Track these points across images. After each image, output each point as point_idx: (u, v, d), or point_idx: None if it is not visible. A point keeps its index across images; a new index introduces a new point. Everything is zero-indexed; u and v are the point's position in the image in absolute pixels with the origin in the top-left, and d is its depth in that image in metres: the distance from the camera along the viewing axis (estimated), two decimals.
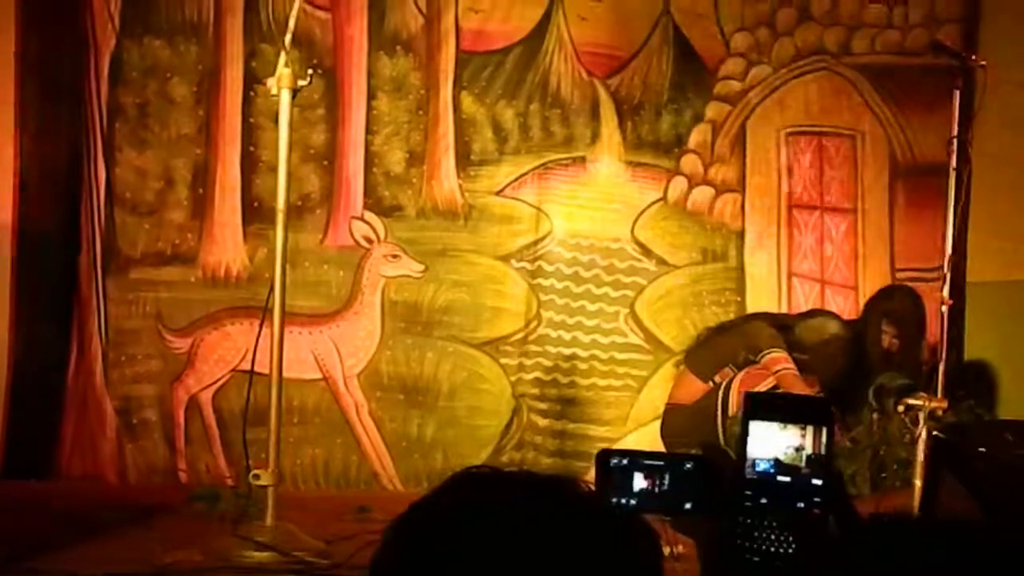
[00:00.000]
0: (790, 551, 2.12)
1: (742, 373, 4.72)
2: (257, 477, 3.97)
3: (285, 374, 4.18)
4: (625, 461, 2.45)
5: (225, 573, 3.80)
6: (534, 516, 1.19)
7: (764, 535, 2.16)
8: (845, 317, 5.19)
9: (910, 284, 5.48)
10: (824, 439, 2.57)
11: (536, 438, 5.49)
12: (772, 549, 2.13)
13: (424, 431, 5.41)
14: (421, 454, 5.39)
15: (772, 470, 2.64)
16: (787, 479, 2.42)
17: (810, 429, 2.58)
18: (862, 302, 5.50)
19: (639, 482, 2.40)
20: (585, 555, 1.19)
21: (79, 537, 4.16)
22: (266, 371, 4.10)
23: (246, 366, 4.89)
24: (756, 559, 2.08)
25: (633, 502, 2.23)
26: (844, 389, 4.75)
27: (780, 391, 4.37)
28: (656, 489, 2.37)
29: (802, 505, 2.16)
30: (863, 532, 1.45)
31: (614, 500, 2.23)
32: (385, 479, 5.37)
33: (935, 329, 4.63)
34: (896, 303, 5.18)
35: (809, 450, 2.62)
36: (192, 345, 5.30)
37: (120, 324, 5.26)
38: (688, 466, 2.37)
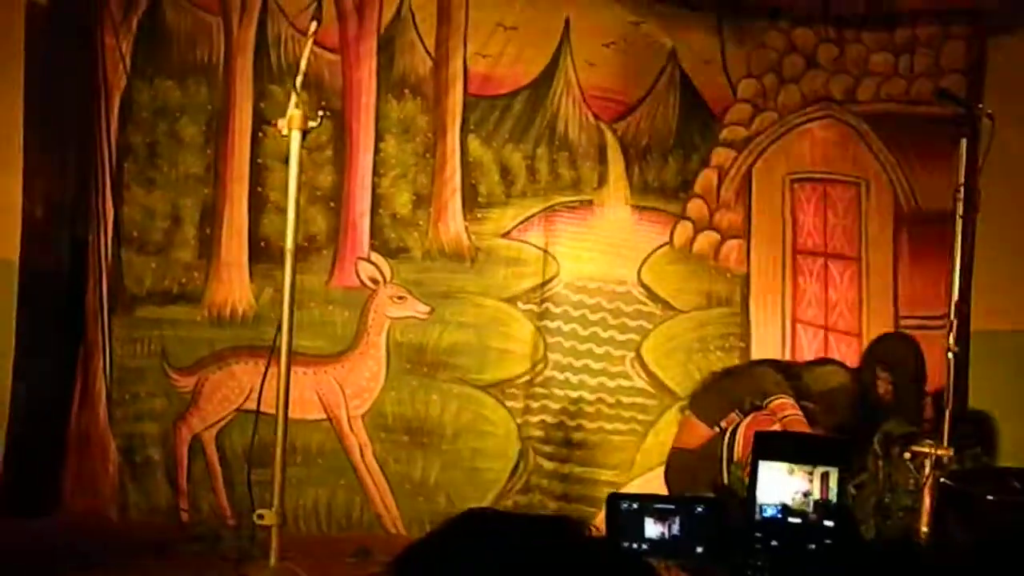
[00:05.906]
0: None
1: (748, 419, 4.72)
2: (261, 517, 3.94)
3: (289, 414, 4.15)
4: (635, 505, 2.44)
5: None
6: (534, 557, 1.18)
7: None
8: (848, 364, 5.19)
9: (911, 332, 5.48)
10: (834, 482, 2.54)
11: (542, 481, 5.45)
12: None
13: (428, 473, 5.39)
14: (425, 497, 5.36)
15: (780, 515, 2.60)
16: (797, 520, 2.40)
17: (819, 471, 2.55)
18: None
19: (650, 527, 2.37)
20: None
21: (79, 574, 4.14)
22: (271, 411, 4.07)
23: (250, 406, 4.90)
24: None
25: (644, 547, 2.21)
26: (849, 437, 4.73)
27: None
28: (667, 534, 2.35)
29: (813, 547, 2.13)
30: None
31: (625, 545, 2.21)
32: (388, 521, 5.34)
33: (938, 377, 4.62)
34: (892, 349, 5.18)
35: (817, 495, 2.59)
36: (196, 384, 5.30)
37: (125, 362, 5.27)
38: (699, 509, 2.35)
